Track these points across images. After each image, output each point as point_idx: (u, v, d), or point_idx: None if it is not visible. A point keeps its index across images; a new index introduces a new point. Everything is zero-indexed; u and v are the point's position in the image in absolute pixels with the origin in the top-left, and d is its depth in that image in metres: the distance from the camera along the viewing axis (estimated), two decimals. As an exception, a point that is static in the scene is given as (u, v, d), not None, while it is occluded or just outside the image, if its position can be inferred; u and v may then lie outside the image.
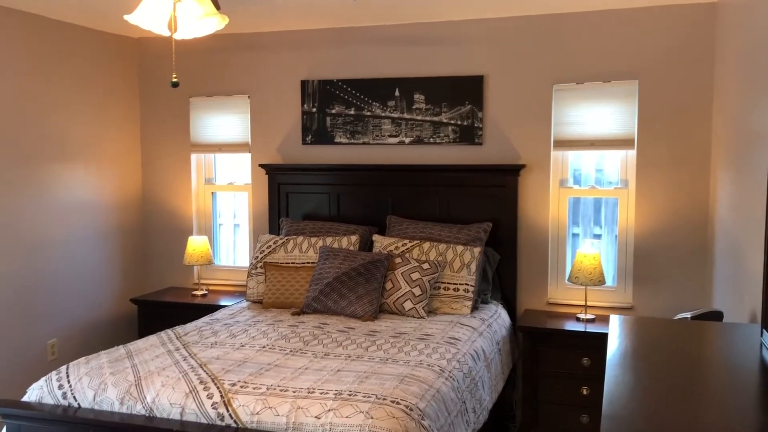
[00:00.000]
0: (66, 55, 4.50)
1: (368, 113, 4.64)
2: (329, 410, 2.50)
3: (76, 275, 4.62)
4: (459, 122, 4.45)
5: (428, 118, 4.51)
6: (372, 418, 2.45)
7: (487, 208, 4.38)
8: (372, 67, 4.63)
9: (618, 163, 4.30)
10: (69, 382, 2.86)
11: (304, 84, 4.77)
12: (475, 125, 4.42)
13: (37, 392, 2.87)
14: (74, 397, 2.80)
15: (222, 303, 4.61)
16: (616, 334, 2.31)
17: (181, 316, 4.35)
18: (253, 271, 4.35)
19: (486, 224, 4.26)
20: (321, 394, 2.61)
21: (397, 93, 4.56)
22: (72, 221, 4.58)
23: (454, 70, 4.47)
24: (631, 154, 4.20)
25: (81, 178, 4.66)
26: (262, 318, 3.86)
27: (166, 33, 2.43)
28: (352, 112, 4.67)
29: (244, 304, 4.31)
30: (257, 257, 4.38)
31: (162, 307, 4.70)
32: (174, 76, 2.48)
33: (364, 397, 2.58)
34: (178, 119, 5.11)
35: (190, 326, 3.68)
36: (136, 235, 5.21)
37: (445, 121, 4.48)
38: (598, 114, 4.21)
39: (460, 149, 4.48)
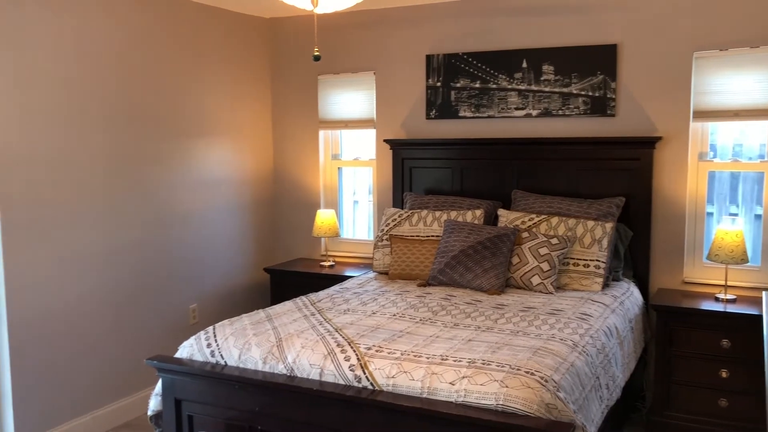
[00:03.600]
0: (204, 36, 4.74)
1: (494, 86, 4.58)
2: (463, 377, 2.53)
3: (214, 245, 4.91)
4: (590, 93, 4.30)
5: (557, 90, 4.40)
6: (507, 387, 2.45)
7: (619, 183, 4.22)
8: (498, 39, 4.57)
9: (765, 136, 4.01)
10: (216, 341, 3.05)
11: (429, 58, 4.77)
12: (608, 96, 4.26)
13: (187, 350, 3.10)
14: (221, 356, 2.99)
15: (347, 274, 4.75)
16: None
17: (310, 285, 4.53)
18: (379, 243, 4.44)
19: (618, 199, 4.12)
20: (454, 361, 2.65)
21: (524, 64, 4.47)
22: (211, 194, 4.86)
23: (584, 40, 4.32)
24: (781, 124, 3.91)
25: (219, 153, 4.92)
26: (390, 288, 3.94)
27: (309, 7, 2.51)
28: (477, 86, 4.63)
29: (371, 274, 4.41)
30: (383, 230, 4.47)
31: (293, 277, 4.91)
32: (316, 50, 2.56)
33: (498, 366, 2.58)
34: (307, 97, 5.27)
35: (322, 294, 3.82)
36: (268, 208, 5.45)
37: (575, 92, 4.34)
38: (743, 82, 3.94)
39: (590, 121, 4.34)
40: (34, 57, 3.59)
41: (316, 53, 2.51)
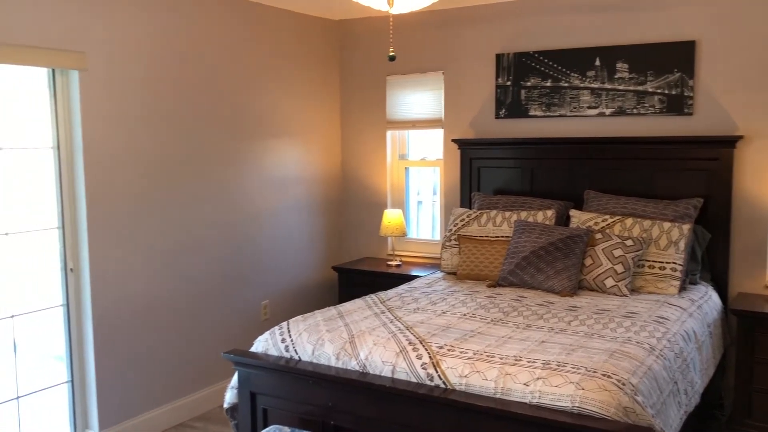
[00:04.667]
0: (277, 38, 4.85)
1: (566, 84, 4.51)
2: (538, 378, 2.51)
3: (284, 243, 5.01)
4: (666, 91, 4.19)
5: (631, 88, 4.30)
6: (583, 389, 2.42)
7: (697, 183, 4.09)
8: (570, 37, 4.50)
9: None
10: (290, 336, 3.12)
11: (498, 57, 4.74)
12: (685, 94, 4.13)
13: (262, 344, 3.17)
14: (295, 351, 3.05)
15: (414, 273, 4.76)
16: None
17: (377, 284, 4.56)
18: (447, 244, 4.44)
19: (696, 200, 4.00)
20: (528, 362, 2.62)
21: (597, 62, 4.39)
22: (282, 194, 4.96)
23: (661, 36, 4.20)
24: None
25: (289, 154, 5.02)
26: (458, 288, 3.93)
27: (385, 7, 2.53)
28: (548, 84, 4.57)
29: (439, 274, 4.41)
30: (451, 230, 4.47)
31: (360, 275, 4.96)
32: (391, 50, 2.59)
33: (573, 368, 2.55)
34: (375, 98, 5.32)
35: (391, 292, 3.84)
36: (336, 208, 5.53)
37: (650, 90, 4.24)
38: None
39: (666, 120, 4.22)
40: (122, 61, 3.75)
41: (392, 53, 2.53)
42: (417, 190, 5.46)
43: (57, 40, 3.43)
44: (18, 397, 3.53)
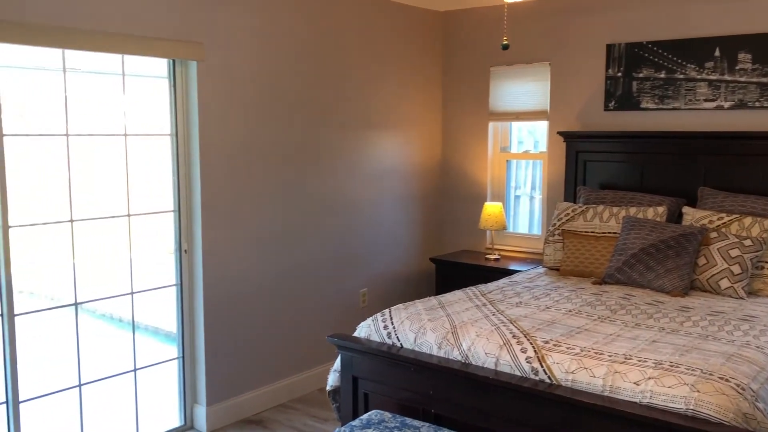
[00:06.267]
0: (380, 30, 4.89)
1: (681, 76, 4.31)
2: (649, 378, 2.42)
3: (383, 234, 5.06)
4: (794, 83, 3.92)
5: (754, 80, 4.05)
6: (698, 392, 2.31)
7: (826, 182, 3.82)
8: (687, 27, 4.29)
9: None
10: (392, 323, 3.15)
11: (609, 48, 4.59)
12: (816, 86, 3.86)
13: (365, 330, 3.22)
14: (397, 338, 3.08)
15: (513, 268, 4.69)
16: None
17: (476, 277, 4.53)
18: (551, 238, 4.35)
19: (825, 199, 3.73)
20: (639, 361, 2.54)
21: (717, 53, 4.16)
22: (381, 184, 5.01)
23: (790, 24, 3.94)
24: None
25: (389, 145, 5.06)
26: (562, 284, 3.85)
27: (500, -5, 2.50)
28: (662, 76, 4.38)
29: (541, 269, 4.33)
30: (555, 224, 4.37)
31: (458, 268, 4.94)
32: (505, 39, 2.56)
33: (688, 369, 2.44)
34: (478, 89, 5.27)
35: (491, 285, 3.81)
36: (435, 199, 5.53)
37: (776, 82, 3.98)
38: None
39: (793, 114, 3.96)
40: (237, 52, 3.89)
41: (505, 42, 2.50)
42: (515, 183, 5.37)
43: (177, 32, 3.60)
44: (135, 370, 3.75)
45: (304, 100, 4.35)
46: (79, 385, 3.50)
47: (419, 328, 3.05)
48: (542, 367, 2.63)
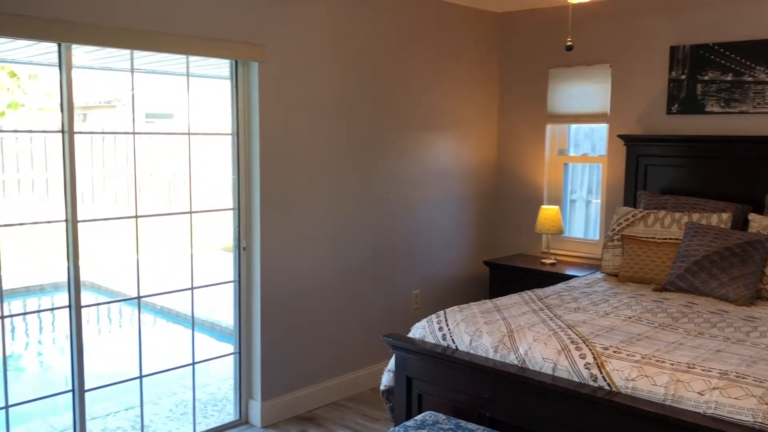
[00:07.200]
0: (439, 31, 4.88)
1: (749, 79, 4.17)
2: (714, 388, 2.35)
3: (437, 235, 5.05)
4: None
5: (829, 83, 3.90)
6: (767, 404, 2.23)
7: None
8: (756, 27, 4.14)
9: None
10: (447, 325, 3.14)
11: (673, 50, 4.47)
12: None
13: (420, 331, 3.22)
14: (452, 340, 3.07)
15: (569, 273, 4.62)
16: None
17: (531, 282, 4.48)
18: (610, 244, 4.26)
19: None
20: (703, 371, 2.47)
21: (788, 55, 4.02)
22: (436, 185, 5.00)
23: None
24: None
25: (445, 146, 5.05)
26: (621, 290, 3.77)
27: (564, -4, 2.47)
28: (728, 78, 4.25)
29: (599, 275, 4.25)
30: (614, 230, 4.28)
31: (513, 271, 4.89)
32: (569, 40, 2.52)
33: (756, 381, 2.36)
34: (536, 91, 5.21)
35: (548, 290, 3.76)
36: (489, 202, 5.49)
37: None
38: None
39: None
40: (297, 53, 3.95)
41: (569, 43, 2.47)
42: (571, 187, 5.29)
43: (240, 33, 3.67)
44: (193, 363, 3.84)
45: (362, 101, 4.38)
46: (140, 377, 3.61)
47: (475, 330, 3.03)
48: (601, 373, 2.58)
